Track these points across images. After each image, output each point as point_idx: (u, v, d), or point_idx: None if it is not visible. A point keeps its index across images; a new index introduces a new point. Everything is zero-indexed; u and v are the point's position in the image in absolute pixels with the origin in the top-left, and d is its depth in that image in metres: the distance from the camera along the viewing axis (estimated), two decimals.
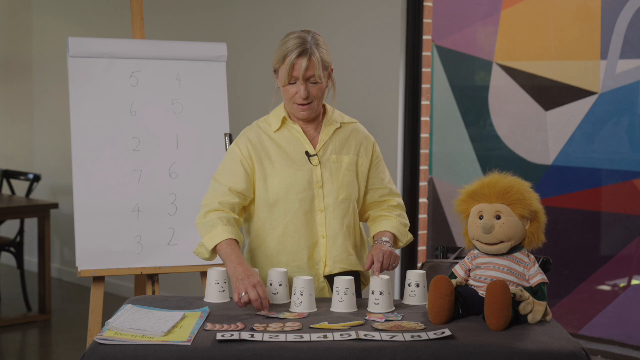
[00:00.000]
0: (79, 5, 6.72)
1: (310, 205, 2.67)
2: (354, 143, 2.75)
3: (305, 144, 2.70)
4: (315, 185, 2.68)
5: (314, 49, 2.59)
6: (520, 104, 4.42)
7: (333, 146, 2.72)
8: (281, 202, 2.67)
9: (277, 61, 2.63)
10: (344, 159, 2.71)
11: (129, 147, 3.53)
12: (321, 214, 2.68)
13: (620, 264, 4.15)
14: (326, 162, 2.70)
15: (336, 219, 2.68)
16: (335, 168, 2.69)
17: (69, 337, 5.30)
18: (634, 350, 4.10)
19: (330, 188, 2.68)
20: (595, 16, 4.14)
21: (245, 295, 2.39)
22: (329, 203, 2.68)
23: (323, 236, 2.68)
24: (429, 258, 4.62)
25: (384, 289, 2.46)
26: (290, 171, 2.67)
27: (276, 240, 2.68)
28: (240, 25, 5.34)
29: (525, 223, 2.37)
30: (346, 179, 2.70)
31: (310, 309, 2.44)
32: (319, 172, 2.68)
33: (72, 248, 6.70)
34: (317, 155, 2.69)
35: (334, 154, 2.71)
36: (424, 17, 4.57)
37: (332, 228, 2.68)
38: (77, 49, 3.52)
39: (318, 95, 2.64)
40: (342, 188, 2.69)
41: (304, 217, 2.67)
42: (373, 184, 2.79)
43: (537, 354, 2.09)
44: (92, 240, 3.44)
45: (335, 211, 2.68)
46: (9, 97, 7.48)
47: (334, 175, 2.69)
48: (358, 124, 2.82)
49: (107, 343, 2.12)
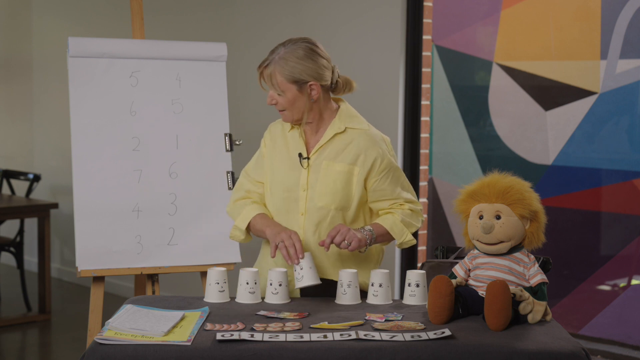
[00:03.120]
0: (79, 5, 6.72)
1: (294, 206, 2.70)
2: (353, 151, 2.68)
3: (301, 146, 2.72)
4: (301, 188, 2.69)
5: (272, 63, 2.64)
6: (520, 104, 4.42)
7: (329, 152, 2.70)
8: (271, 196, 2.75)
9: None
10: (335, 166, 2.68)
11: (129, 147, 3.53)
12: (302, 217, 2.69)
13: (620, 264, 4.15)
14: (317, 167, 2.69)
15: (311, 225, 2.68)
16: (324, 174, 2.67)
17: (69, 337, 5.30)
18: (634, 350, 4.10)
19: (313, 193, 2.68)
20: (595, 16, 4.14)
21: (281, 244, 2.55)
22: (309, 207, 2.68)
23: (302, 239, 2.68)
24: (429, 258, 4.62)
25: (383, 281, 2.52)
26: (285, 170, 2.72)
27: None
28: (240, 25, 5.34)
29: (525, 223, 2.37)
30: (331, 187, 2.66)
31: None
32: (306, 176, 2.69)
33: (72, 248, 6.70)
34: (310, 159, 2.70)
35: (326, 160, 2.69)
36: (424, 17, 4.57)
37: (307, 233, 2.69)
38: (77, 49, 3.52)
39: (286, 105, 2.66)
40: (323, 196, 2.66)
41: (287, 216, 2.71)
42: (382, 195, 2.71)
43: (537, 354, 2.09)
44: (92, 240, 3.44)
45: (312, 217, 2.68)
46: (9, 97, 7.48)
47: (320, 181, 2.67)
48: (368, 131, 2.72)
49: (107, 343, 2.12)
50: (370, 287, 2.55)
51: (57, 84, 6.74)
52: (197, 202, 3.53)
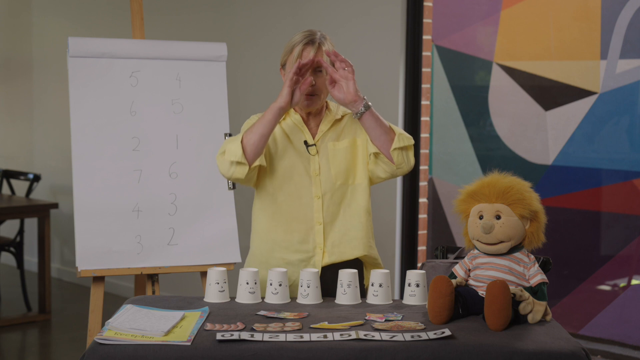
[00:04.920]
0: (79, 5, 6.72)
1: (307, 192, 2.73)
2: (350, 126, 2.78)
3: (305, 134, 2.77)
4: (313, 173, 2.74)
5: (322, 40, 2.71)
6: (520, 104, 4.42)
7: (331, 135, 2.78)
8: (279, 185, 2.74)
9: (284, 54, 2.76)
10: (340, 144, 2.76)
11: (129, 147, 3.53)
12: (318, 200, 2.72)
13: (620, 264, 4.15)
14: (323, 151, 2.76)
15: (334, 205, 2.73)
16: (332, 155, 2.74)
17: (69, 337, 5.30)
18: (634, 350, 4.10)
19: (328, 175, 2.73)
20: (595, 16, 4.14)
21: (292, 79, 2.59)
22: (326, 190, 2.73)
23: (320, 222, 2.72)
24: (429, 258, 4.62)
25: (383, 281, 2.54)
26: (291, 158, 2.75)
27: (270, 215, 2.75)
28: (240, 25, 5.34)
29: (525, 223, 2.37)
30: (343, 164, 2.74)
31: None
32: (317, 161, 2.74)
33: (72, 248, 6.70)
34: (316, 145, 2.75)
35: (331, 141, 2.76)
36: (424, 17, 4.57)
37: (330, 214, 2.73)
38: (77, 49, 3.52)
39: (323, 88, 2.71)
40: (339, 174, 2.74)
41: (299, 201, 2.73)
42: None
43: (537, 354, 2.09)
44: (92, 240, 3.44)
45: (333, 197, 2.73)
46: (9, 97, 7.48)
47: (330, 162, 2.74)
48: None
49: (107, 343, 2.12)
50: (370, 287, 2.56)
51: (57, 84, 6.74)
52: (197, 202, 3.53)
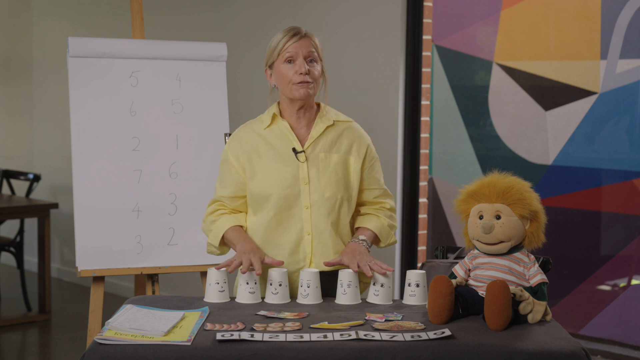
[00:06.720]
0: (79, 5, 6.72)
1: (295, 201, 2.70)
2: (345, 142, 2.75)
3: (293, 141, 2.72)
4: (302, 182, 2.70)
5: (309, 33, 2.71)
6: (520, 104, 4.42)
7: (323, 144, 2.74)
8: (267, 197, 2.70)
9: (269, 54, 2.73)
10: (332, 157, 2.73)
11: (129, 147, 3.53)
12: (307, 210, 2.70)
13: (620, 264, 4.15)
14: (314, 159, 2.72)
15: (322, 216, 2.70)
16: (323, 166, 2.71)
17: (69, 337, 5.30)
18: (634, 350, 4.10)
19: (317, 185, 2.70)
20: (595, 16, 4.14)
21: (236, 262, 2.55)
22: (314, 200, 2.70)
23: (308, 233, 2.71)
24: (429, 258, 4.62)
25: (384, 281, 2.54)
26: (277, 167, 2.70)
27: (261, 233, 2.73)
28: (240, 25, 5.34)
29: (525, 223, 2.37)
30: (334, 177, 2.71)
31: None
32: (306, 169, 2.71)
33: (72, 248, 6.70)
34: (305, 152, 2.72)
35: (322, 151, 2.73)
36: (424, 17, 4.57)
37: (318, 225, 2.70)
38: (77, 49, 3.52)
39: (316, 77, 2.69)
40: (329, 186, 2.70)
41: (289, 212, 2.70)
42: (369, 184, 2.80)
43: (537, 354, 2.09)
44: (92, 240, 3.44)
45: (320, 208, 2.70)
46: (9, 97, 7.48)
47: (321, 173, 2.70)
48: (353, 123, 2.83)
49: (107, 343, 2.12)
50: (371, 286, 2.56)
51: (57, 84, 6.74)
52: (197, 202, 3.53)
